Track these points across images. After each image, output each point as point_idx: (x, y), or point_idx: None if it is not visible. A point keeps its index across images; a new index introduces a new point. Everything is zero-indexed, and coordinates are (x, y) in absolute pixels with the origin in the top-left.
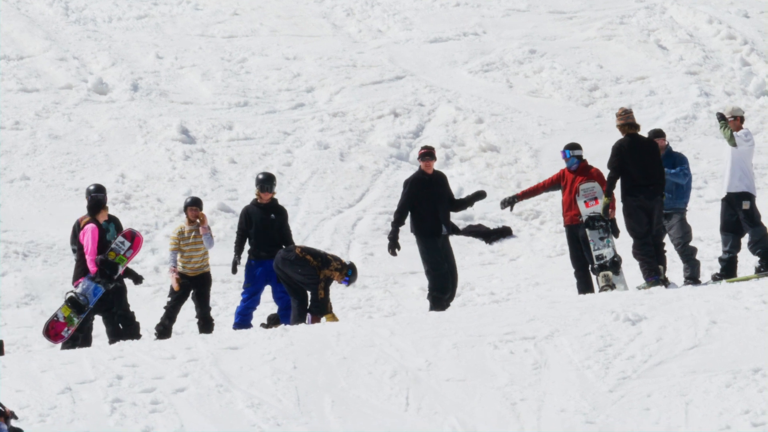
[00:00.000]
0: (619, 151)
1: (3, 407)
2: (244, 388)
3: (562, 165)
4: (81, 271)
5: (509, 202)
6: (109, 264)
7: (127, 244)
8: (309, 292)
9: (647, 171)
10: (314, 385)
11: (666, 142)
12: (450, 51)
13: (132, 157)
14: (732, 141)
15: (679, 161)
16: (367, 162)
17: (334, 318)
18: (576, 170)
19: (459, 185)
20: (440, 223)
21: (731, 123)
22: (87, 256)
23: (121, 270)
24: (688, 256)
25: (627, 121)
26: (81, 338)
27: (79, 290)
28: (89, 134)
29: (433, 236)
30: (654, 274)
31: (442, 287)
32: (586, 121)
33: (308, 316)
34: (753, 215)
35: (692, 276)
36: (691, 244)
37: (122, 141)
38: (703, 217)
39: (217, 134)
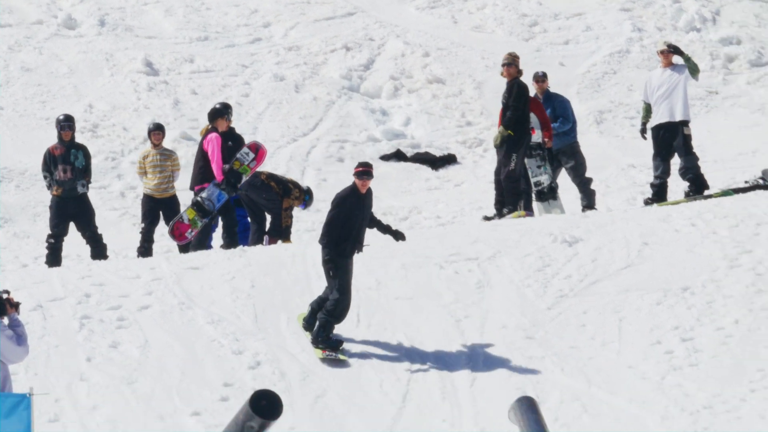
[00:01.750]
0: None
1: (9, 297)
2: (204, 306)
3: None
4: (201, 177)
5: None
6: (234, 173)
7: (252, 155)
8: (268, 216)
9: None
10: (271, 304)
11: (546, 86)
12: None
13: (99, 88)
14: (697, 74)
15: (559, 107)
16: (321, 93)
17: (288, 241)
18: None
19: (407, 115)
20: (359, 245)
21: (667, 56)
22: (213, 165)
23: (244, 179)
24: (585, 186)
25: (519, 67)
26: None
27: (204, 195)
28: (59, 67)
29: (347, 258)
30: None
31: (340, 315)
32: (526, 55)
33: (265, 237)
34: (689, 142)
35: (589, 205)
36: (627, 169)
37: (90, 73)
38: (635, 145)
39: (179, 67)
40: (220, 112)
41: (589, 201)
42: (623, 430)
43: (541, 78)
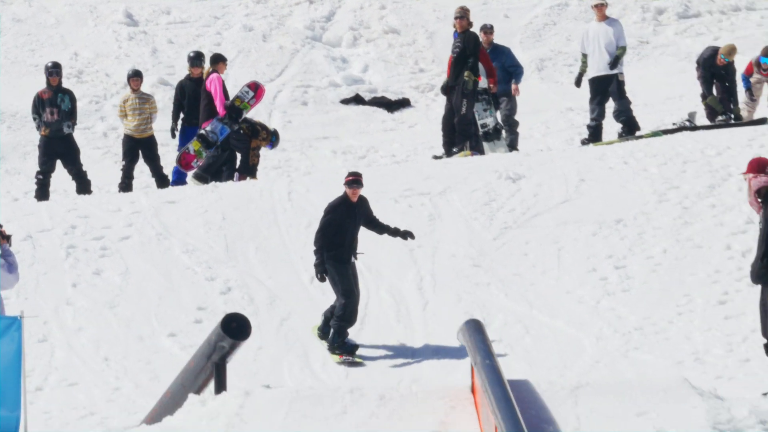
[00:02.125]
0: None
1: (1, 230)
2: (180, 237)
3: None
4: (207, 114)
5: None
6: (235, 109)
7: (251, 93)
8: (238, 154)
9: None
10: (240, 235)
11: (492, 37)
12: None
13: (84, 38)
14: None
15: (508, 58)
16: (286, 42)
17: (255, 177)
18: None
19: (365, 62)
20: (353, 251)
21: (601, 9)
22: (216, 101)
23: (244, 114)
24: (512, 127)
25: (469, 19)
26: (225, 174)
27: (208, 128)
28: (47, 18)
29: (345, 263)
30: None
31: (350, 318)
32: (474, 7)
33: (236, 174)
34: (622, 88)
35: (511, 144)
36: (565, 112)
37: (75, 24)
38: (573, 90)
39: (157, 18)
40: (221, 57)
41: (512, 140)
42: (562, 350)
43: (489, 30)
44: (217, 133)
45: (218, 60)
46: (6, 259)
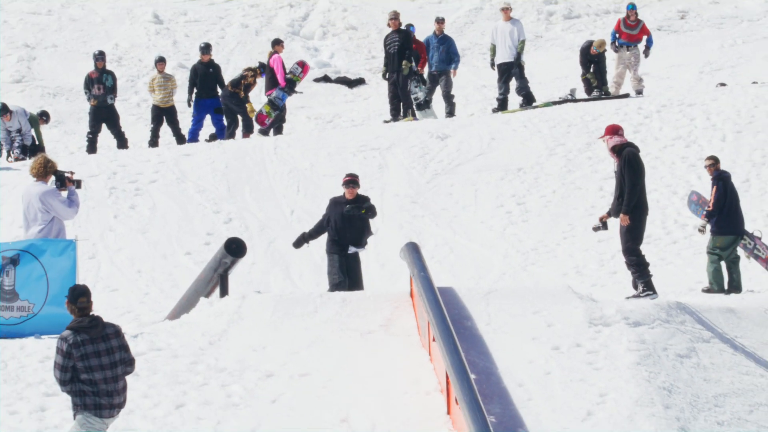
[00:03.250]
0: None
1: (71, 175)
2: (194, 180)
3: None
4: (271, 84)
5: None
6: (290, 81)
7: (299, 69)
8: (240, 116)
9: None
10: (239, 179)
11: (444, 27)
12: None
13: (122, 32)
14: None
15: (452, 47)
16: (273, 36)
17: (252, 109)
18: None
19: (332, 51)
20: (352, 243)
21: (506, 12)
22: (278, 75)
23: (297, 85)
24: (449, 99)
25: (400, 20)
26: (276, 127)
27: (273, 95)
28: (95, 18)
29: (337, 254)
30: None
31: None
32: (412, 10)
33: (242, 132)
34: (523, 70)
35: (450, 112)
36: (480, 89)
37: (116, 22)
38: (486, 72)
39: (177, 18)
40: (279, 41)
41: (451, 110)
42: (477, 265)
43: (441, 20)
44: (281, 98)
45: (277, 43)
46: (70, 198)
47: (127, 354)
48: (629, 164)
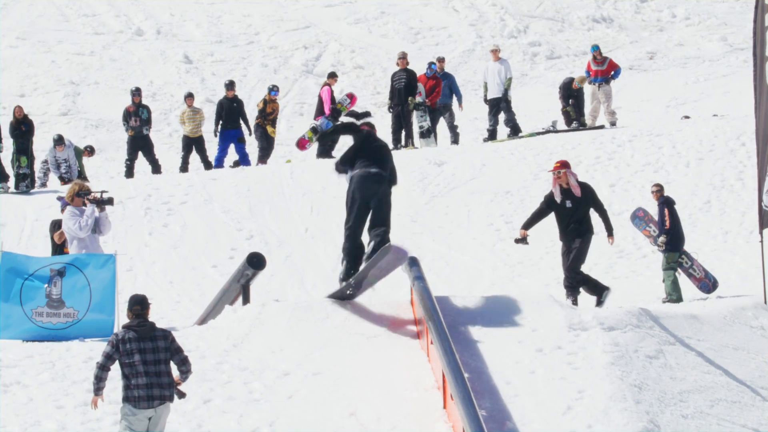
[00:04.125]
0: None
1: (100, 193)
2: (219, 202)
3: None
4: (318, 112)
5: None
6: (336, 110)
7: (348, 100)
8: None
9: None
10: (259, 201)
11: (444, 65)
12: None
13: (156, 71)
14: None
15: (453, 84)
16: (290, 74)
17: (273, 130)
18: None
19: (341, 87)
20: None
21: (495, 53)
22: (325, 105)
23: (343, 114)
24: (453, 129)
25: (407, 60)
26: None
27: (318, 123)
28: (132, 58)
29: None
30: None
31: (348, 237)
32: (414, 52)
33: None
34: (510, 104)
35: (455, 142)
36: (473, 120)
37: (151, 62)
38: (479, 105)
39: (204, 58)
40: (334, 74)
41: (455, 139)
42: (469, 276)
43: (442, 59)
44: (323, 126)
45: (331, 76)
46: (86, 216)
47: (179, 355)
48: (595, 193)
